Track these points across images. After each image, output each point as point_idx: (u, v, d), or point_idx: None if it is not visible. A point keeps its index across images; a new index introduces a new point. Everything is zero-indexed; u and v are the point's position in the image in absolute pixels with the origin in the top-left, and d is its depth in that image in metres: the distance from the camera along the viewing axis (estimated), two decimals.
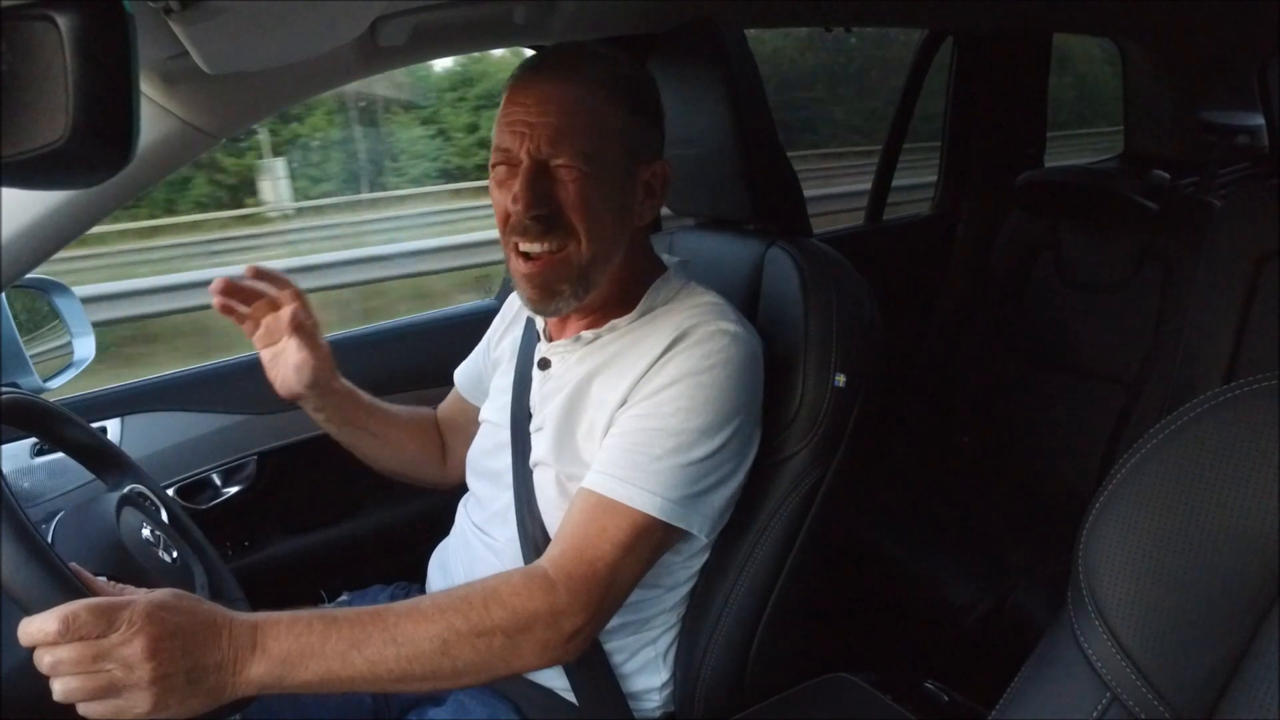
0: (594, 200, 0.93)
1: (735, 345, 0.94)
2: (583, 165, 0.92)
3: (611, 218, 0.95)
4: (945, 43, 2.29)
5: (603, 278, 0.98)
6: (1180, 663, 0.56)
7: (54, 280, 1.32)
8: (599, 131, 0.92)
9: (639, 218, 0.99)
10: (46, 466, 1.29)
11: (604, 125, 0.93)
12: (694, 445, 0.91)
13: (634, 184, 0.97)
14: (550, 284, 0.96)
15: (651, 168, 0.99)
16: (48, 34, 0.44)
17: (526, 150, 0.92)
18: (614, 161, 0.94)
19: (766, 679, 1.08)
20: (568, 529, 0.91)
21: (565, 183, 0.92)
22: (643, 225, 1.00)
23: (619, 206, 0.96)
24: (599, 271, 0.96)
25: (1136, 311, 1.95)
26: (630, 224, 0.98)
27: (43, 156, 0.46)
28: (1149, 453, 0.58)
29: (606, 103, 0.93)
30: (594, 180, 0.92)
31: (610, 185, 0.94)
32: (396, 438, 1.22)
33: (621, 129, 0.94)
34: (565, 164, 0.92)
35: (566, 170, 0.92)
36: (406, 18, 1.04)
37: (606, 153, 0.93)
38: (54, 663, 0.71)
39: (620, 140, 0.94)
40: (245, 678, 0.76)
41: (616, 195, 0.95)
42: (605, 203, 0.94)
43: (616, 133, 0.94)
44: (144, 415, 1.39)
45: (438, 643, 0.81)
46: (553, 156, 0.92)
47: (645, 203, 0.99)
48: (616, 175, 0.95)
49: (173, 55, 0.87)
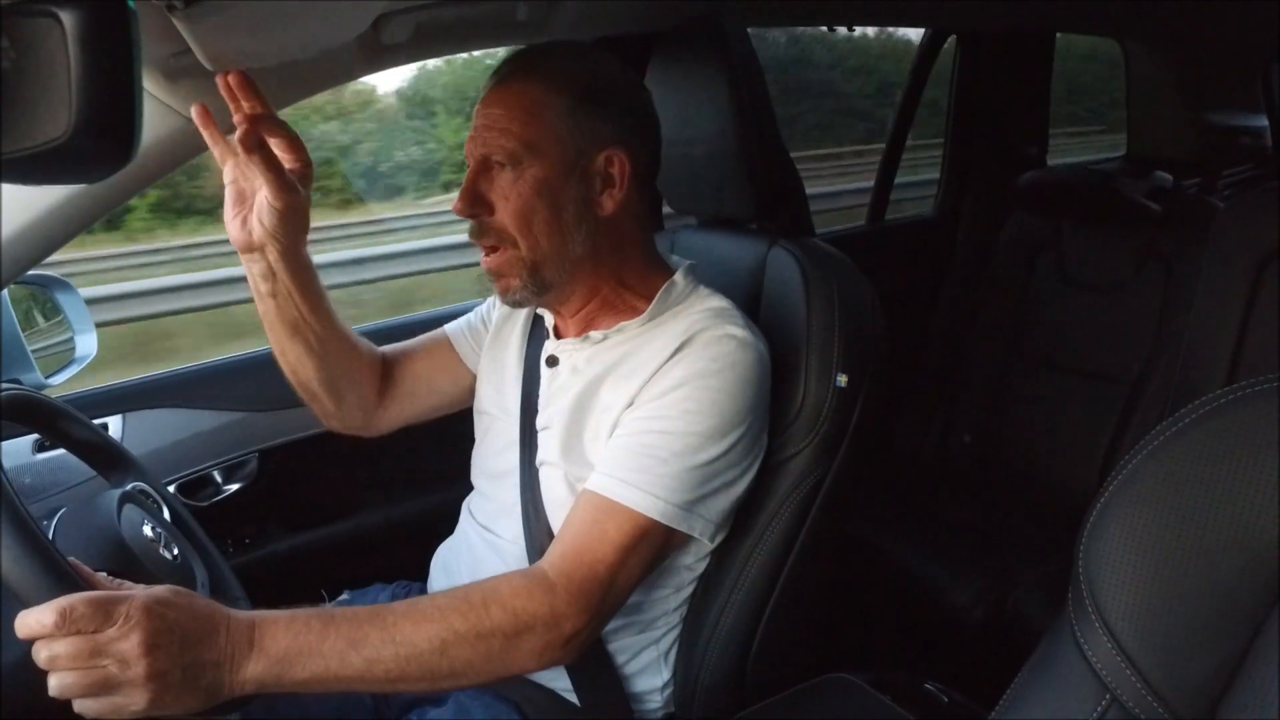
0: (528, 199, 0.93)
1: (743, 350, 0.94)
2: (512, 161, 0.93)
3: (552, 212, 0.94)
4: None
5: (562, 272, 0.97)
6: (1180, 664, 0.56)
7: (56, 277, 1.32)
8: (533, 124, 0.93)
9: (599, 207, 0.97)
10: (48, 463, 1.29)
11: (540, 117, 0.93)
12: (699, 449, 0.91)
13: (585, 174, 0.96)
14: (505, 278, 0.97)
15: (604, 155, 0.96)
16: (51, 30, 0.44)
17: (469, 151, 0.95)
18: (553, 153, 0.94)
19: (766, 679, 1.08)
20: (569, 530, 0.90)
21: (501, 186, 0.94)
22: (607, 216, 0.97)
23: (565, 200, 0.95)
24: (553, 267, 0.96)
25: (1138, 312, 1.95)
26: (588, 216, 0.96)
27: (45, 153, 0.46)
28: (1150, 454, 0.58)
29: (545, 94, 0.93)
30: (527, 176, 0.93)
31: (548, 179, 0.94)
32: (336, 353, 1.06)
33: (562, 119, 0.93)
34: (501, 163, 0.93)
35: (501, 172, 0.94)
36: (409, 15, 1.04)
37: (543, 145, 0.93)
38: (51, 657, 0.71)
39: (561, 130, 0.94)
40: (243, 676, 0.76)
41: (559, 188, 0.94)
42: (542, 199, 0.94)
43: (555, 123, 0.93)
44: (146, 412, 1.39)
45: (436, 643, 0.80)
46: (490, 154, 0.94)
47: (606, 193, 0.97)
48: (555, 168, 0.94)
49: (176, 52, 0.87)
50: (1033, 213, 2.16)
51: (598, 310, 1.02)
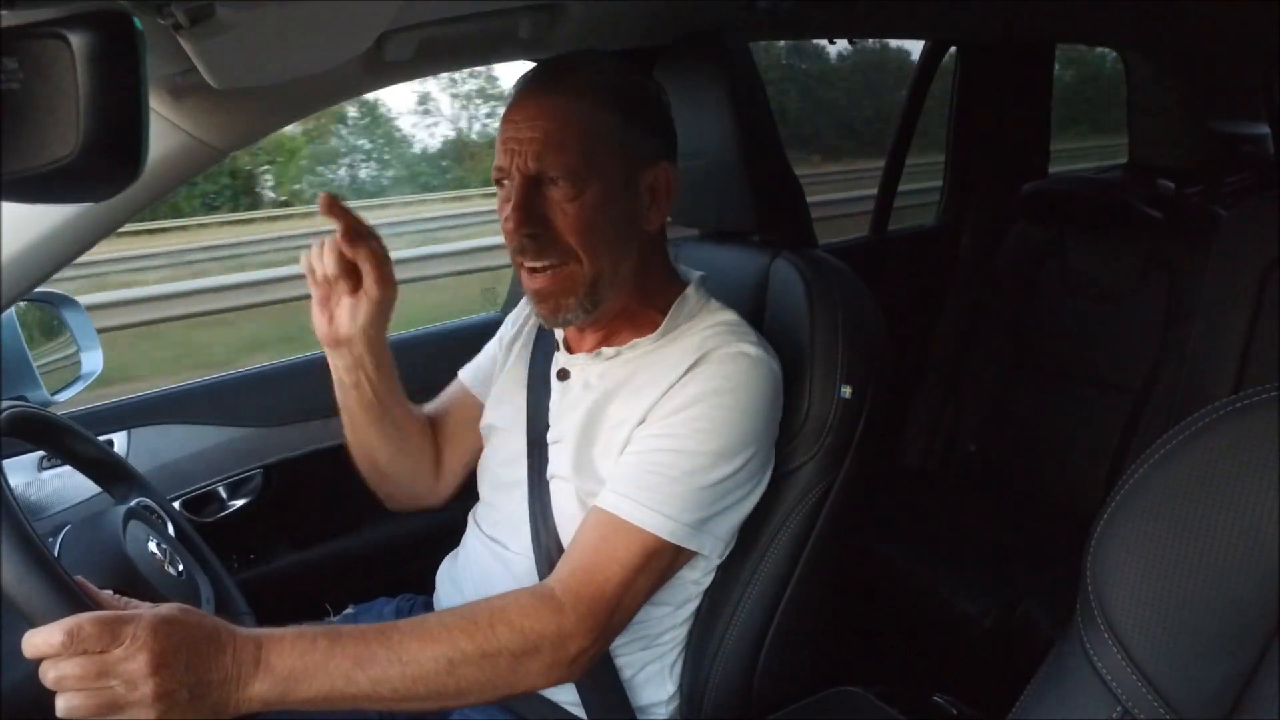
0: (591, 215, 0.92)
1: (755, 368, 0.93)
2: (574, 179, 0.91)
3: (613, 229, 0.94)
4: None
5: (614, 289, 0.96)
6: (1192, 674, 0.56)
7: (62, 294, 1.33)
8: (590, 141, 0.91)
9: (647, 222, 0.98)
10: (53, 479, 1.29)
11: (595, 133, 0.92)
12: (711, 468, 0.91)
13: (636, 190, 0.96)
14: (557, 298, 0.95)
15: (654, 171, 0.96)
16: (60, 52, 0.45)
17: (517, 167, 0.92)
18: (610, 169, 0.93)
19: (773, 691, 1.08)
20: (577, 548, 0.90)
21: (559, 201, 0.91)
22: (651, 231, 0.99)
23: (621, 216, 0.95)
24: (607, 284, 0.95)
25: (1143, 320, 1.95)
26: (638, 231, 0.97)
27: (53, 172, 0.46)
28: (1156, 463, 0.58)
29: (596, 110, 0.92)
30: (589, 194, 0.91)
31: (608, 195, 0.93)
32: (412, 434, 1.12)
33: (615, 135, 0.93)
34: (556, 177, 0.91)
35: (558, 187, 0.91)
36: (412, 32, 1.05)
37: (600, 161, 0.92)
38: (58, 677, 0.71)
39: (615, 146, 0.93)
40: (249, 694, 0.76)
41: (616, 204, 0.94)
42: (604, 215, 0.93)
43: (610, 139, 0.92)
44: (150, 428, 1.39)
45: (443, 662, 0.80)
46: (543, 171, 0.91)
47: (651, 208, 0.97)
48: (615, 183, 0.93)
49: (181, 71, 0.88)
50: (1035, 222, 2.16)
51: (621, 324, 1.02)
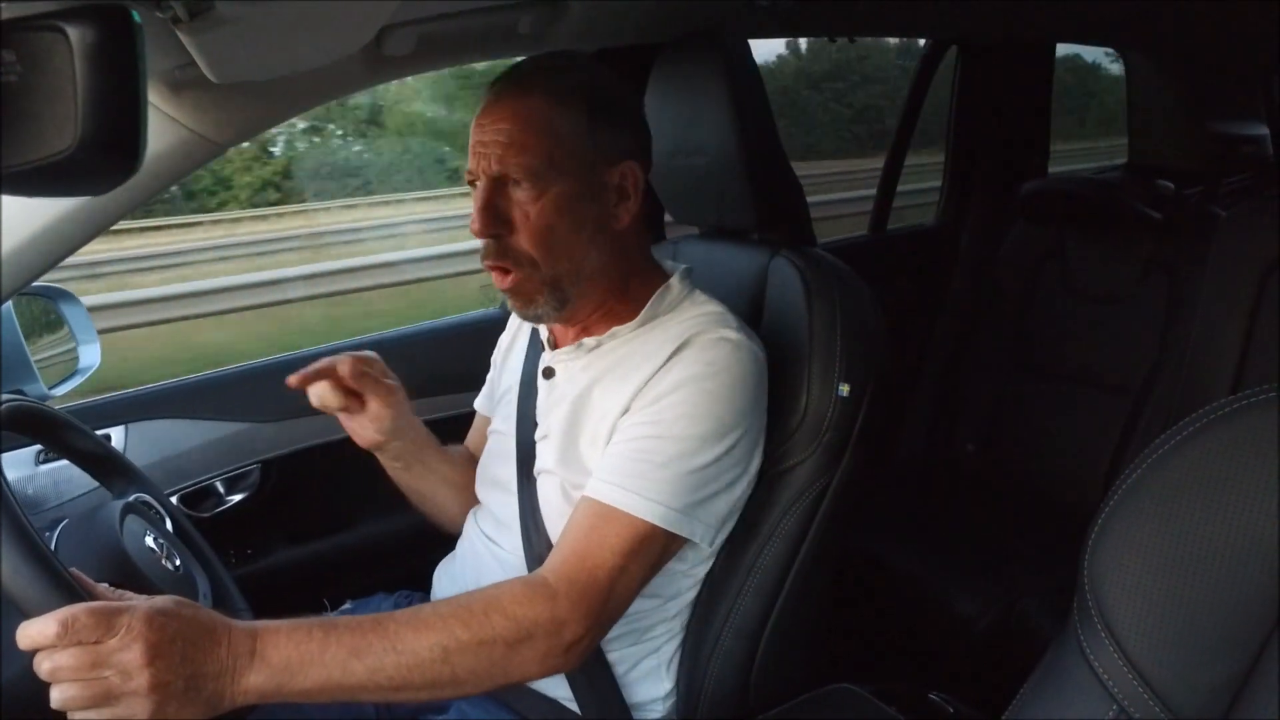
0: (552, 216, 0.93)
1: (738, 353, 0.94)
2: (535, 180, 0.92)
3: (576, 229, 0.95)
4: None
5: (580, 288, 0.97)
6: (1188, 674, 0.56)
7: (60, 288, 1.33)
8: (552, 142, 0.92)
9: (616, 220, 0.98)
10: (51, 474, 1.29)
11: (557, 134, 0.92)
12: (697, 452, 0.91)
13: (602, 189, 0.96)
14: (525, 296, 0.97)
15: (619, 169, 0.97)
16: (57, 45, 0.45)
17: (483, 169, 0.94)
18: (573, 170, 0.93)
19: (770, 689, 1.08)
20: (569, 537, 0.90)
21: (522, 203, 0.93)
22: (621, 229, 0.98)
23: (586, 215, 0.95)
24: (571, 283, 0.97)
25: (1142, 321, 1.95)
26: (606, 230, 0.97)
27: (51, 165, 0.46)
28: (1154, 464, 0.58)
29: (559, 111, 0.93)
30: (551, 195, 0.93)
31: (572, 196, 0.94)
32: (457, 476, 1.19)
33: (578, 135, 0.93)
34: (519, 179, 0.92)
35: (521, 189, 0.93)
36: (412, 27, 1.05)
37: (562, 163, 0.93)
38: (53, 669, 0.71)
39: (578, 147, 0.93)
40: (244, 686, 0.76)
41: (580, 204, 0.94)
42: (566, 216, 0.94)
43: (573, 140, 0.93)
44: (148, 423, 1.39)
45: (438, 651, 0.80)
46: (506, 173, 0.93)
47: (620, 206, 0.98)
48: (578, 184, 0.94)
49: (180, 65, 0.88)
50: (1035, 222, 2.16)
51: (600, 318, 1.03)
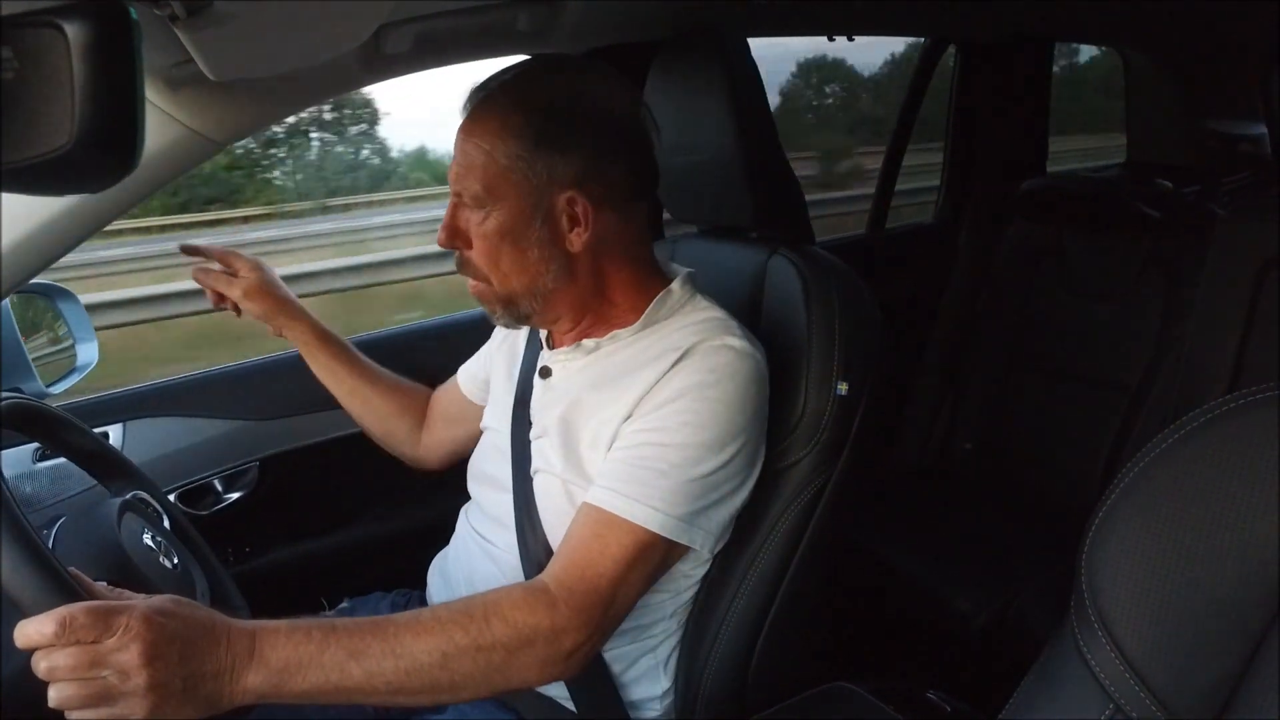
0: (495, 239, 0.95)
1: (741, 361, 0.94)
2: (478, 204, 0.94)
3: (521, 253, 0.95)
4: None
5: (539, 304, 0.98)
6: (1184, 673, 0.56)
7: (58, 285, 1.33)
8: (491, 171, 0.93)
9: (569, 244, 0.95)
10: (48, 472, 1.29)
11: (497, 164, 0.93)
12: (699, 461, 0.91)
13: (545, 215, 0.94)
14: (487, 305, 1.01)
15: (565, 196, 0.93)
16: (54, 41, 0.45)
17: (450, 184, 0.96)
18: (512, 198, 0.93)
19: (768, 687, 1.08)
20: (570, 544, 0.90)
21: (473, 223, 0.95)
22: (578, 251, 0.96)
23: (532, 240, 0.94)
24: (526, 301, 0.98)
25: (1140, 319, 1.95)
26: (558, 253, 0.95)
27: (48, 163, 0.46)
28: (1152, 462, 0.58)
29: (503, 139, 0.92)
30: (492, 219, 0.94)
31: (512, 222, 0.94)
32: (371, 397, 1.27)
33: (520, 164, 0.92)
34: (466, 202, 0.95)
35: (469, 212, 0.96)
36: (410, 25, 1.05)
37: (501, 191, 0.93)
38: (50, 668, 0.70)
39: (519, 176, 0.92)
40: (242, 686, 0.75)
41: (522, 230, 0.94)
42: (508, 240, 0.94)
43: (512, 169, 0.92)
44: (146, 420, 1.39)
45: (437, 655, 0.80)
46: (460, 192, 0.95)
47: (574, 231, 0.95)
48: (519, 210, 0.93)
49: (178, 62, 0.88)
50: (1033, 220, 2.16)
51: (591, 325, 1.02)
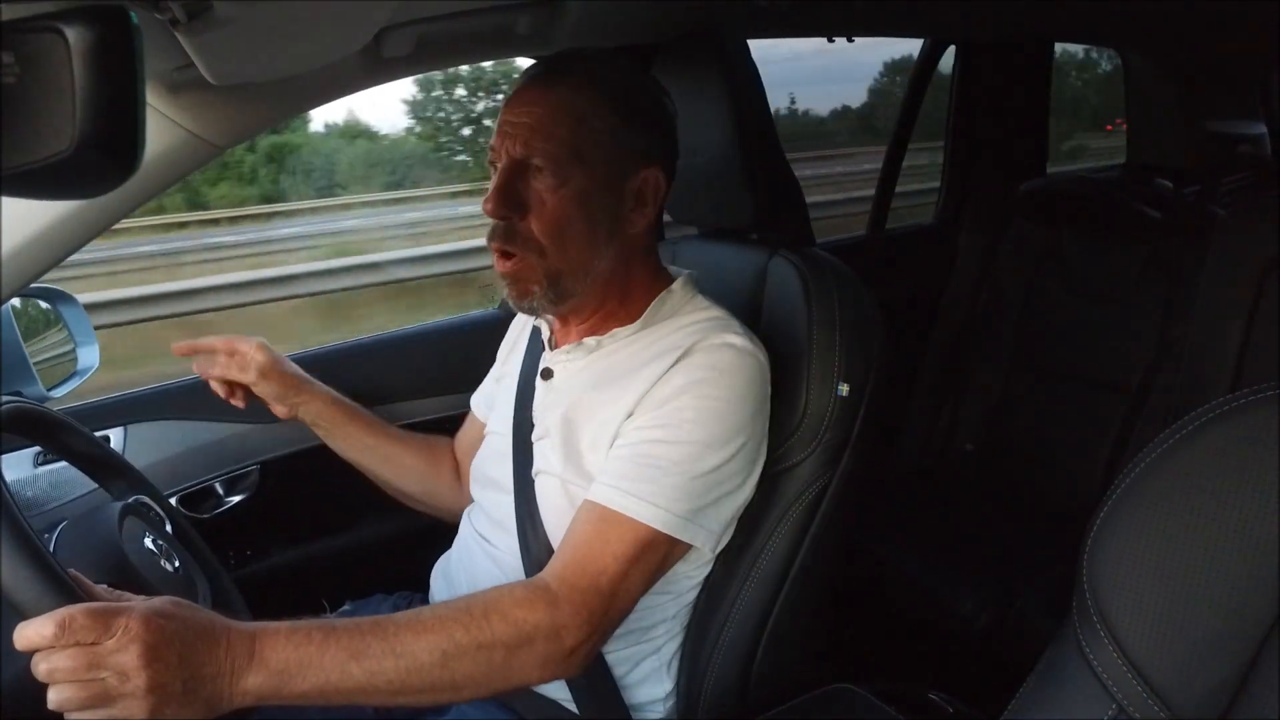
0: (568, 208, 0.92)
1: (742, 359, 0.94)
2: (557, 169, 0.91)
3: (589, 226, 0.94)
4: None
5: (582, 285, 0.96)
6: (1187, 672, 0.56)
7: (59, 289, 1.33)
8: (580, 133, 0.91)
9: (630, 225, 0.97)
10: (49, 475, 1.29)
11: (586, 126, 0.92)
12: (700, 458, 0.91)
13: (620, 190, 0.95)
14: (523, 284, 0.96)
15: (644, 174, 0.96)
16: (55, 46, 0.45)
17: (507, 150, 0.93)
18: (596, 165, 0.92)
19: (770, 689, 1.08)
20: (571, 541, 0.90)
21: (540, 190, 0.92)
22: (634, 233, 0.98)
23: (601, 213, 0.94)
24: (573, 279, 0.95)
25: (1140, 320, 1.95)
26: (618, 232, 0.96)
27: (49, 167, 0.46)
28: (1153, 463, 0.58)
29: (592, 104, 0.92)
30: (571, 186, 0.92)
31: (590, 190, 0.93)
32: (403, 458, 1.24)
33: (607, 131, 0.93)
34: (541, 166, 0.91)
35: (542, 176, 0.92)
36: (411, 28, 1.04)
37: (587, 155, 0.92)
38: (50, 669, 0.70)
39: (605, 143, 0.93)
40: (242, 688, 0.75)
41: (597, 201, 0.93)
42: (582, 210, 0.93)
43: (601, 135, 0.92)
44: (147, 424, 1.39)
45: (437, 654, 0.80)
46: (529, 157, 0.92)
47: (636, 210, 0.97)
48: (599, 180, 0.93)
49: (179, 66, 0.88)
50: (1033, 221, 2.16)
51: (599, 321, 1.02)
